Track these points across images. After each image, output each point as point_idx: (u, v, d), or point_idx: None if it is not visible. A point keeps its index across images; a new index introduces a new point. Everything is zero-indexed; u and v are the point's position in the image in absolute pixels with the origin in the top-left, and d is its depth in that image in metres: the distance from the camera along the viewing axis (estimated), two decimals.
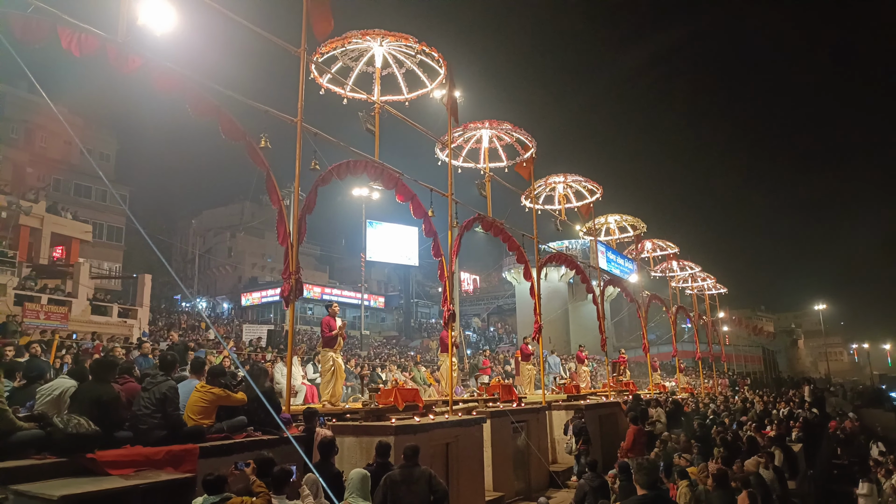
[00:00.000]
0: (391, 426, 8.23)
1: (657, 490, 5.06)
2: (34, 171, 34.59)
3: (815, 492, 13.48)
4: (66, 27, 6.18)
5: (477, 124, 14.32)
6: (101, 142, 39.19)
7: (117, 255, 38.48)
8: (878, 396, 36.91)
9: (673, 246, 25.55)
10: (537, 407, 13.68)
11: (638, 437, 11.19)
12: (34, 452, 4.84)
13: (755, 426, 14.38)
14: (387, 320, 53.84)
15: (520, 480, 11.90)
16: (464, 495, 9.16)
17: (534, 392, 16.41)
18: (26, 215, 26.92)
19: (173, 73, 7.02)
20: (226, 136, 7.52)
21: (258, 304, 46.54)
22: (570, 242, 42.11)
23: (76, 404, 5.35)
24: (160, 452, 5.21)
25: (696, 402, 18.98)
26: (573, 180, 18.35)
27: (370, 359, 24.32)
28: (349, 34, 10.75)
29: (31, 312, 19.79)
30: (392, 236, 43.99)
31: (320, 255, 59.51)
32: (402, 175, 10.75)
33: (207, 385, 6.26)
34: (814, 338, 79.83)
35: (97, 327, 21.87)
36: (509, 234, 14.27)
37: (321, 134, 9.18)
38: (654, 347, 29.32)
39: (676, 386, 26.01)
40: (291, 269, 8.15)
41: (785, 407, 19.56)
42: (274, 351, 19.65)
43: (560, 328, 43.54)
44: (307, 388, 12.69)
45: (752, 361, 55.97)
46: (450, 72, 11.64)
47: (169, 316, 32.58)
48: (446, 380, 12.44)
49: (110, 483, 4.59)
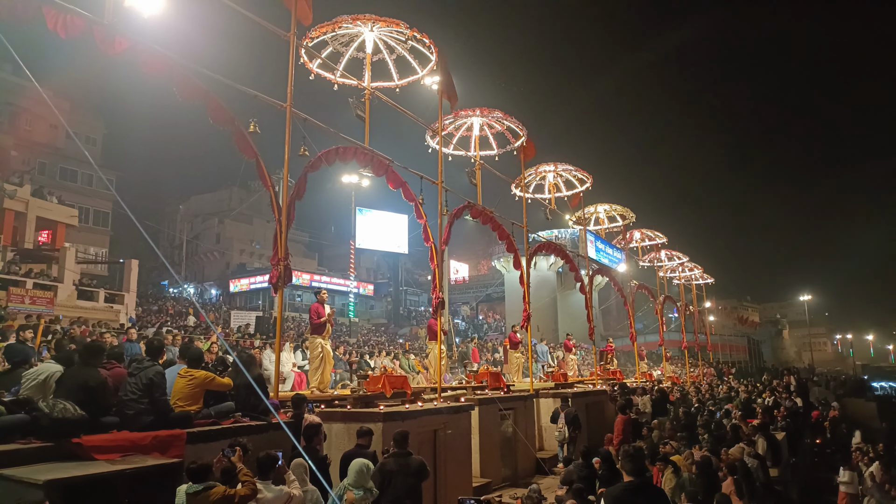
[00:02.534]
0: (379, 413, 8.26)
1: (643, 477, 5.10)
2: (19, 154, 34.07)
3: (798, 479, 13.68)
4: (52, 8, 6.09)
5: (468, 112, 14.27)
6: (88, 126, 38.64)
7: (104, 240, 38.10)
8: (861, 386, 37.40)
9: (661, 236, 25.70)
10: (525, 395, 13.76)
11: (626, 426, 11.27)
12: (19, 437, 4.81)
13: (741, 415, 14.54)
14: (376, 308, 53.79)
15: (507, 467, 12.00)
16: (451, 481, 9.22)
17: (522, 380, 16.51)
18: (11, 199, 26.56)
19: (161, 55, 6.94)
20: (214, 121, 7.45)
21: (246, 290, 46.32)
22: (559, 231, 42.20)
23: (62, 389, 5.32)
24: (147, 437, 5.20)
25: (681, 391, 19.17)
26: (563, 169, 18.37)
27: (359, 346, 24.34)
28: (339, 19, 10.63)
29: (16, 297, 19.62)
30: (382, 224, 43.84)
31: (309, 242, 59.24)
32: (393, 162, 10.71)
33: (191, 370, 6.24)
34: (798, 328, 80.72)
35: (83, 312, 21.72)
36: (499, 222, 14.28)
37: (311, 119, 9.12)
38: (641, 336, 29.59)
39: (663, 375, 26.24)
40: (280, 256, 8.12)
41: (769, 396, 19.76)
42: (262, 337, 19.61)
43: (548, 317, 43.69)
44: (295, 375, 12.70)
45: (737, 351, 56.57)
46: (441, 58, 11.57)
47: (156, 301, 32.35)
48: (435, 367, 12.49)
49: (96, 468, 4.57)
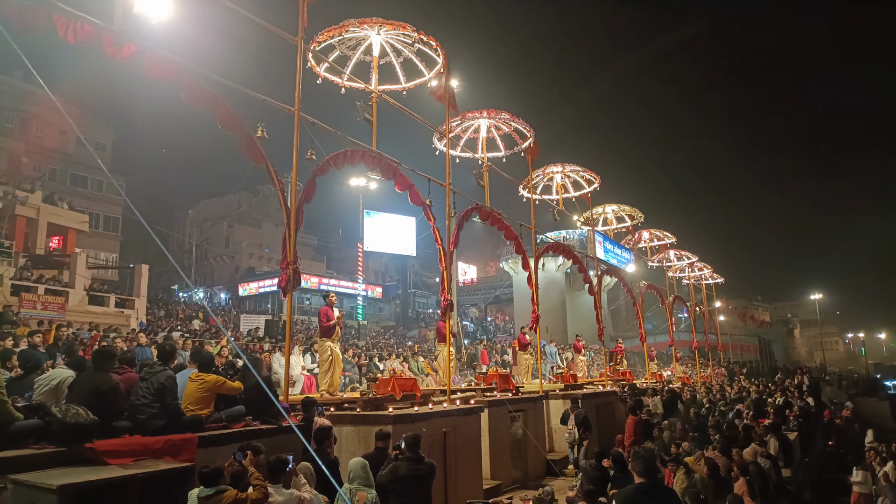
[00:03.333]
0: (389, 415, 8.26)
1: (654, 478, 5.08)
2: (30, 160, 34.41)
3: (810, 479, 13.59)
4: (62, 15, 6.14)
5: (475, 114, 14.27)
6: (98, 131, 38.95)
7: (114, 245, 38.37)
8: (873, 385, 37.10)
9: (670, 236, 25.57)
10: (534, 396, 13.73)
11: (637, 427, 11.23)
12: (33, 442, 4.85)
13: (752, 415, 14.45)
14: (384, 310, 53.85)
15: (517, 469, 11.97)
16: (462, 483, 9.21)
17: (531, 381, 16.47)
18: (22, 205, 26.78)
19: (169, 60, 6.97)
20: (222, 126, 7.48)
21: (256, 294, 46.48)
22: (567, 232, 42.10)
23: (74, 394, 5.35)
24: (159, 442, 5.22)
25: (692, 392, 19.07)
26: (571, 170, 18.33)
27: (368, 349, 24.36)
28: (346, 22, 10.66)
29: (28, 303, 19.77)
30: (390, 226, 43.88)
31: (318, 245, 59.41)
32: (400, 165, 10.71)
33: (202, 374, 6.26)
34: (809, 327, 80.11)
35: (94, 317, 21.84)
36: (507, 223, 14.26)
37: (319, 123, 9.13)
38: (650, 337, 29.40)
39: (673, 375, 26.11)
40: (289, 259, 8.14)
41: (781, 396, 19.64)
42: (272, 341, 19.66)
43: (557, 318, 43.60)
44: (305, 378, 12.72)
45: (748, 351, 56.25)
46: (447, 61, 11.58)
47: (166, 306, 32.53)
48: (444, 369, 12.48)
49: (109, 472, 4.59)
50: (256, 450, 5.16)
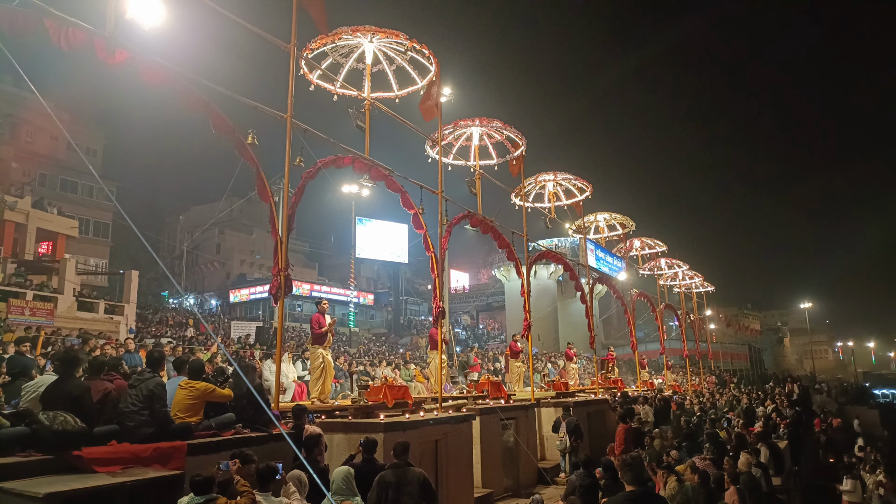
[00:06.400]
0: (380, 423, 8.22)
1: (644, 486, 5.08)
2: (19, 165, 34.15)
3: (801, 488, 13.62)
4: (54, 21, 6.12)
5: (467, 121, 14.31)
6: (88, 137, 38.76)
7: (104, 250, 38.11)
8: (863, 394, 37.34)
9: (661, 244, 25.68)
10: (526, 404, 13.72)
11: (627, 435, 11.23)
12: (19, 450, 4.78)
13: (743, 423, 14.50)
14: (376, 317, 53.73)
15: (508, 477, 11.93)
16: (453, 492, 9.17)
17: (523, 389, 16.46)
18: (11, 210, 26.56)
19: (161, 66, 6.96)
20: (216, 131, 7.48)
21: (247, 300, 46.29)
22: (559, 240, 42.30)
23: (49, 404, 5.19)
24: (148, 450, 5.17)
25: (683, 400, 19.11)
26: (563, 178, 18.38)
27: (359, 356, 24.28)
28: (339, 30, 10.68)
29: (17, 308, 19.57)
30: (382, 233, 43.88)
31: (309, 252, 59.26)
32: (392, 172, 10.72)
33: (191, 381, 6.22)
34: (799, 336, 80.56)
35: (83, 324, 21.67)
36: (499, 231, 14.28)
37: (311, 130, 9.13)
38: (642, 345, 29.49)
39: (664, 383, 26.17)
40: (280, 266, 8.11)
41: (771, 405, 19.71)
42: (263, 348, 19.56)
43: (549, 325, 43.70)
44: (296, 386, 12.66)
45: (738, 359, 56.45)
46: (439, 69, 11.61)
47: (156, 312, 32.31)
48: (435, 377, 12.45)
49: (97, 480, 4.55)
50: (248, 458, 5.13)
